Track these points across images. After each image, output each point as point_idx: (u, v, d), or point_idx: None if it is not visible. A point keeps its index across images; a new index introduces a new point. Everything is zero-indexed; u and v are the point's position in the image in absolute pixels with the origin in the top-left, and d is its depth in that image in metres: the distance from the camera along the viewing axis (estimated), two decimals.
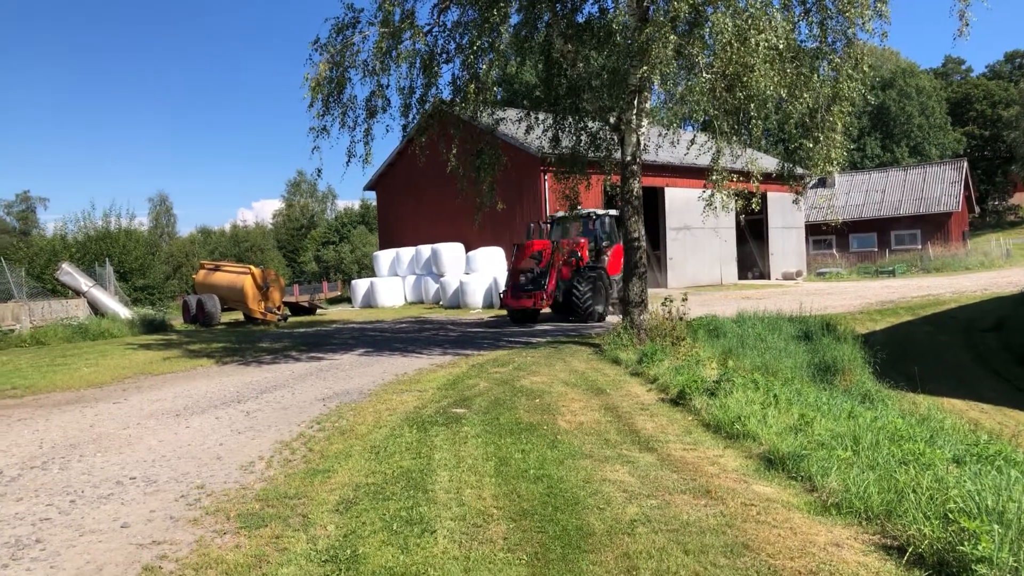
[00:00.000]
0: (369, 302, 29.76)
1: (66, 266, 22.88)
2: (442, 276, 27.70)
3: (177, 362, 12.82)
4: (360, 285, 31.00)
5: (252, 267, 24.37)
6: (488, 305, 24.92)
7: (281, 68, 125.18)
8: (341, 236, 73.72)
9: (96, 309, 21.70)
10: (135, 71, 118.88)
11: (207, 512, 4.76)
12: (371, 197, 53.59)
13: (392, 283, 29.89)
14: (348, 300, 34.07)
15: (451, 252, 28.19)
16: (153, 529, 4.50)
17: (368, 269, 48.81)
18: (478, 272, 26.53)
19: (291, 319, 23.96)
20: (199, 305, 23.53)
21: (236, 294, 22.91)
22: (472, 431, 6.62)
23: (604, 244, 19.13)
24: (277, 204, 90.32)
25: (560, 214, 18.82)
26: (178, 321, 24.56)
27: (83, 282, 22.18)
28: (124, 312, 21.83)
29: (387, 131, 12.83)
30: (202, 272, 25.58)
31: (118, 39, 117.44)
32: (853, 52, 10.77)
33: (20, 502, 5.13)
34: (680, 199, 30.29)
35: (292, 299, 31.87)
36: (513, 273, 18.46)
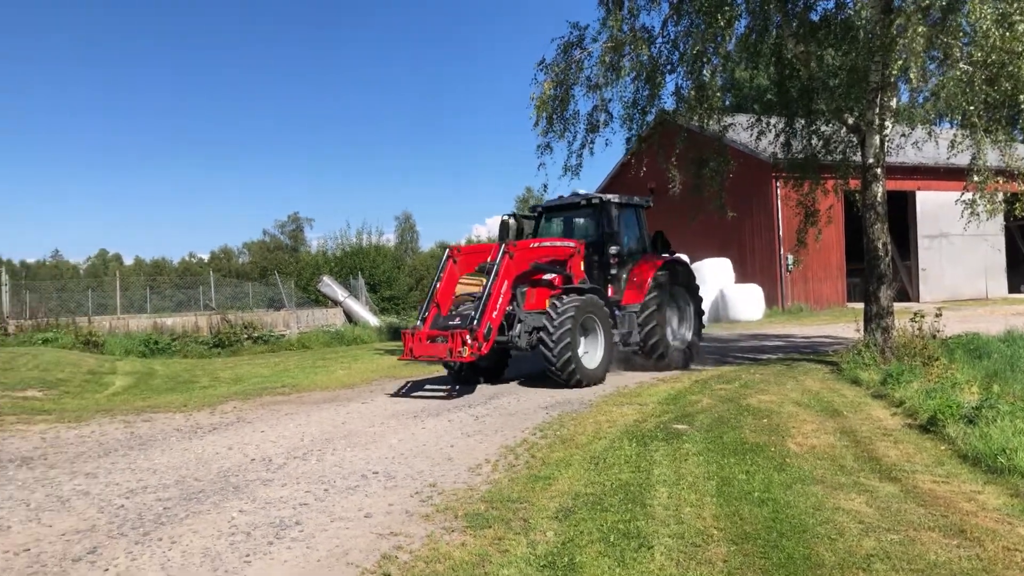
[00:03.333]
0: None
1: (326, 279, 25.72)
2: None
3: (416, 367, 13.86)
4: None
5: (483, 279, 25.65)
6: (714, 319, 24.13)
7: (504, 90, 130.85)
8: None
9: (350, 317, 24.13)
10: (388, 103, 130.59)
11: (438, 509, 5.10)
12: None
13: None
14: None
15: None
16: (391, 521, 4.91)
17: None
18: (704, 284, 25.71)
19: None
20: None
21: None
22: (693, 448, 6.46)
23: (613, 252, 11.99)
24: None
25: (551, 201, 12.90)
26: None
27: (340, 293, 24.79)
28: (373, 320, 24.07)
29: (607, 144, 12.97)
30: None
31: (364, 72, 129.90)
32: None
33: (284, 487, 5.84)
34: (933, 203, 27.29)
35: None
36: (436, 298, 10.60)
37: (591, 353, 10.91)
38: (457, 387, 10.81)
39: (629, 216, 12.95)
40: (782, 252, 25.55)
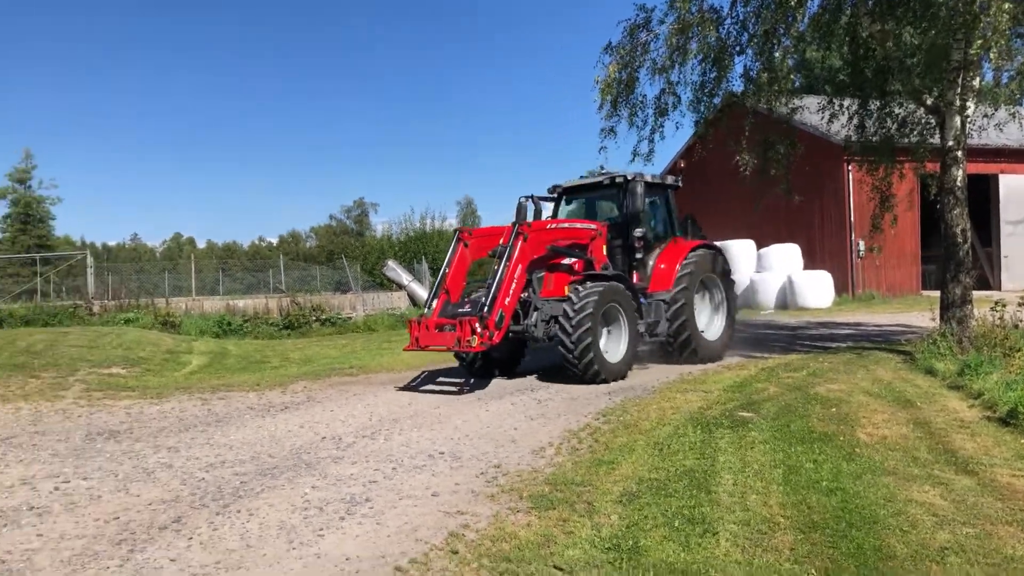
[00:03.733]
0: None
1: (391, 263, 26.16)
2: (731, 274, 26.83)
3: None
4: None
5: None
6: (782, 306, 23.63)
7: (571, 73, 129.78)
8: None
9: (414, 301, 24.49)
10: (443, 98, 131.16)
11: (503, 490, 5.19)
12: None
13: None
14: None
15: (741, 249, 27.13)
16: (458, 500, 5.02)
17: None
18: (771, 270, 25.25)
19: None
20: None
21: None
22: (759, 436, 6.39)
23: (639, 235, 11.13)
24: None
25: (571, 181, 12.16)
26: None
27: (404, 277, 25.18)
28: None
29: (677, 128, 12.75)
30: None
31: (426, 67, 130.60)
32: None
33: (354, 465, 6.02)
34: (1018, 188, 26.04)
35: None
36: (446, 284, 10.03)
37: (613, 345, 10.09)
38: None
39: (657, 197, 12.02)
40: (853, 238, 24.77)
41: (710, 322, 12.09)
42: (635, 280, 11.11)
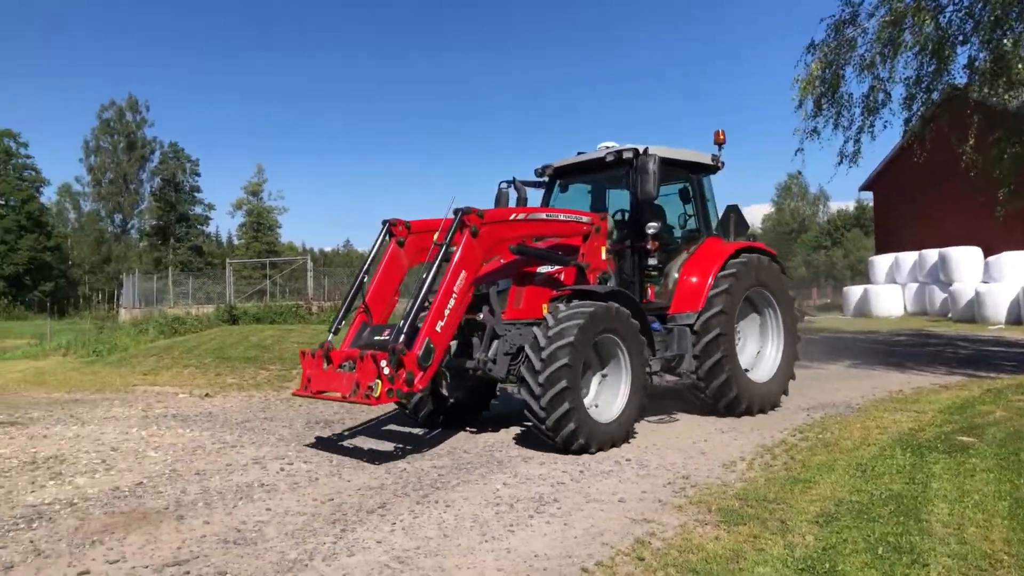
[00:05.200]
0: (862, 311, 27.71)
1: None
2: (951, 284, 24.31)
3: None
4: (852, 292, 29.11)
5: None
6: (1015, 321, 21.08)
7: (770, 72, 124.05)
8: (833, 240, 70.09)
9: None
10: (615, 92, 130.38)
11: (690, 501, 5.12)
12: (867, 198, 49.78)
13: (890, 291, 27.35)
14: (839, 308, 32.27)
15: (964, 257, 24.58)
16: (644, 508, 5.02)
17: (862, 275, 45.51)
18: (1000, 281, 22.64)
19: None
20: None
21: None
22: (981, 464, 5.79)
23: (651, 233, 8.01)
24: (768, 208, 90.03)
25: (567, 160, 8.88)
26: None
27: None
28: None
29: (885, 126, 11.85)
30: None
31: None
32: None
33: (543, 466, 6.20)
34: None
35: (810, 302, 31.42)
36: (367, 297, 7.13)
37: (608, 395, 7.05)
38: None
39: (686, 181, 8.79)
40: None
41: (759, 357, 8.92)
42: (650, 295, 8.17)
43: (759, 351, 8.94)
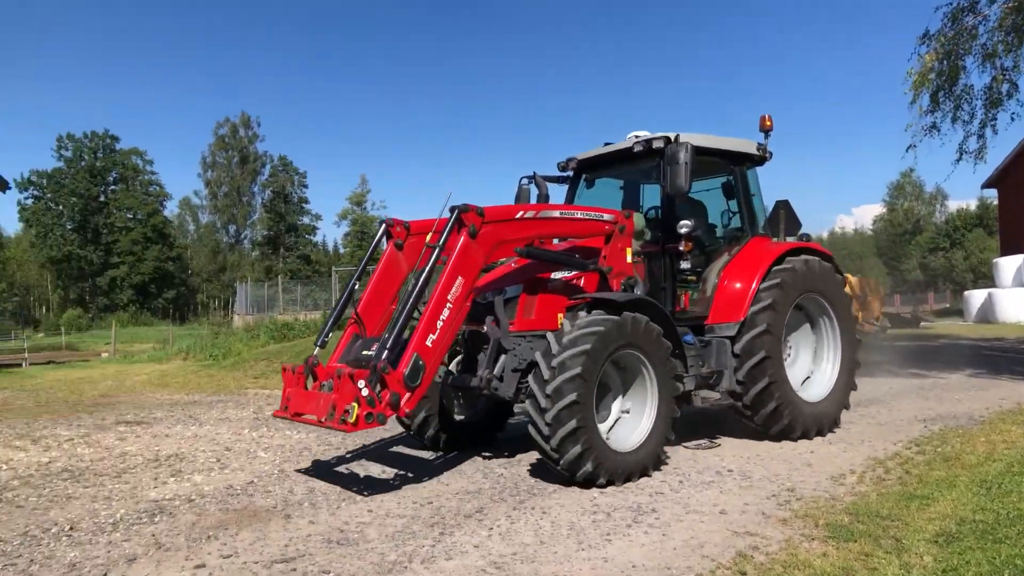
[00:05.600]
0: (986, 316, 26.04)
1: None
2: None
3: None
4: (975, 297, 27.40)
5: (849, 276, 23.81)
6: None
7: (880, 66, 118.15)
8: (952, 241, 66.06)
9: None
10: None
11: (796, 515, 4.92)
12: (991, 195, 46.70)
13: (1017, 295, 25.55)
14: (959, 313, 30.40)
15: None
16: (746, 520, 4.86)
17: (985, 278, 42.65)
18: None
19: (890, 331, 22.56)
20: None
21: None
22: None
23: (684, 232, 7.07)
24: (878, 209, 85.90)
25: (593, 151, 7.97)
26: None
27: None
28: None
29: (1013, 119, 11.03)
30: None
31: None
32: None
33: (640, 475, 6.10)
34: None
35: (892, 310, 29.94)
36: (360, 307, 6.42)
37: (632, 419, 6.21)
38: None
39: (727, 174, 7.91)
40: None
41: (814, 372, 7.98)
42: (684, 305, 7.37)
43: (812, 367, 7.99)
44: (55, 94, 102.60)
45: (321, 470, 6.55)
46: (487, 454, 7.02)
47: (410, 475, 6.24)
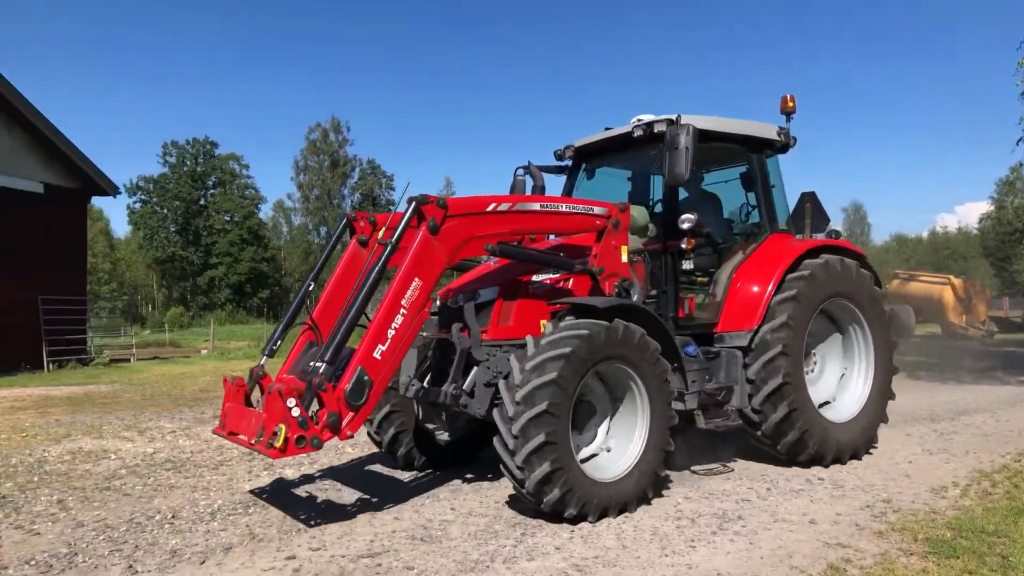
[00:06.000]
0: None
1: None
2: None
3: None
4: None
5: (952, 277, 22.65)
6: None
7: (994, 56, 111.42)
8: None
9: None
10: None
11: (893, 527, 4.71)
12: None
13: None
14: None
15: None
16: (838, 531, 4.68)
17: None
18: None
19: (998, 336, 21.32)
20: (891, 315, 23.05)
21: (932, 306, 21.62)
22: None
23: (686, 227, 6.21)
24: (985, 206, 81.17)
25: (592, 137, 7.16)
26: None
27: None
28: None
29: None
30: (895, 282, 24.95)
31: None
32: None
33: (727, 481, 5.96)
34: None
35: (1001, 313, 28.23)
36: (315, 311, 5.57)
37: (621, 442, 5.40)
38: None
39: (742, 162, 7.06)
40: None
41: (841, 388, 7.05)
42: (689, 310, 6.43)
43: (840, 382, 7.05)
44: (162, 103, 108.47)
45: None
46: None
47: (490, 475, 6.29)
